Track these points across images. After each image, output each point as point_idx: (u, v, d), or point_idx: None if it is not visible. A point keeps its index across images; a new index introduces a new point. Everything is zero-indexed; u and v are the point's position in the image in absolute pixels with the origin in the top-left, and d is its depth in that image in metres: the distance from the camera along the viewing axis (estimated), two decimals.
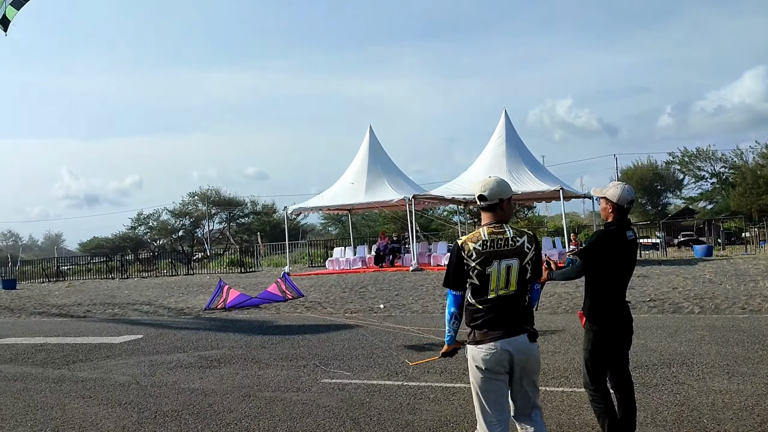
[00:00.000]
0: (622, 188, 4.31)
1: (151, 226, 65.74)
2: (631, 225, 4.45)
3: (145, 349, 9.78)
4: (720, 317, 10.46)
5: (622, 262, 4.25)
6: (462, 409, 5.70)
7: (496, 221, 3.57)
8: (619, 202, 4.26)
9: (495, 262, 3.44)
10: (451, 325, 3.61)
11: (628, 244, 4.27)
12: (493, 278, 3.43)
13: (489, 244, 3.46)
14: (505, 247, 3.47)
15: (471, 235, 3.54)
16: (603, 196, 4.34)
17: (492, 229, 3.52)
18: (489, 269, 3.43)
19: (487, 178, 3.68)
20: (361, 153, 27.43)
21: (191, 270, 34.24)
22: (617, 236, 4.23)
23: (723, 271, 17.56)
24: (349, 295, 16.38)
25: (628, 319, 4.28)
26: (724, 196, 49.88)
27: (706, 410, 5.34)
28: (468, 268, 3.46)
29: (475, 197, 3.62)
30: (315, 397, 6.34)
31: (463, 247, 3.49)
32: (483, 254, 3.44)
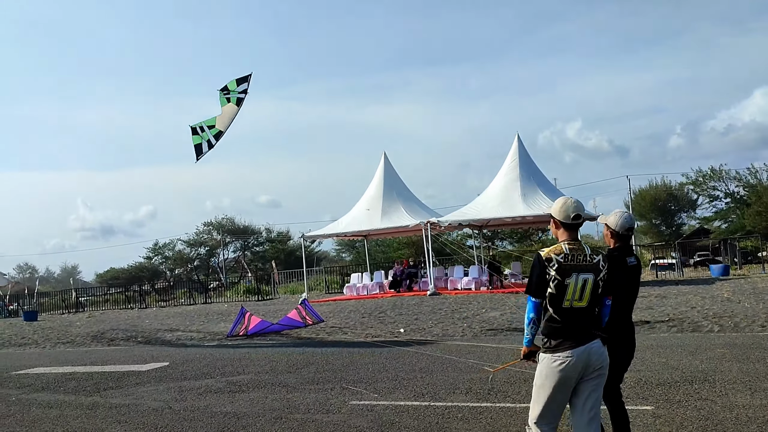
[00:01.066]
0: (620, 216, 4.57)
1: (166, 255, 66.33)
2: (632, 252, 4.64)
3: (173, 375, 9.98)
4: (740, 335, 10.52)
5: (623, 286, 4.38)
6: (490, 427, 5.84)
7: (574, 238, 3.88)
8: (618, 229, 4.50)
9: (574, 275, 3.73)
10: (529, 329, 3.86)
11: (629, 270, 4.47)
12: (570, 289, 3.72)
13: (570, 257, 3.76)
14: (583, 262, 3.77)
15: (553, 248, 3.84)
16: (605, 222, 4.62)
17: (572, 245, 3.83)
18: (568, 280, 3.72)
19: (571, 199, 3.96)
20: (375, 179, 27.77)
21: (208, 299, 34.52)
22: (619, 262, 4.40)
23: (741, 289, 17.56)
24: (368, 320, 16.54)
25: (631, 342, 4.47)
26: (739, 216, 49.62)
27: (731, 424, 5.45)
28: (549, 277, 3.74)
29: (570, 217, 3.86)
30: (345, 418, 6.50)
31: (548, 258, 3.77)
32: (564, 266, 3.73)
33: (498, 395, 7.10)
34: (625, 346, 4.41)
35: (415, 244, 44.08)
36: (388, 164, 27.82)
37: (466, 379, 8.09)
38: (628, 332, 4.43)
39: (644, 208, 59.66)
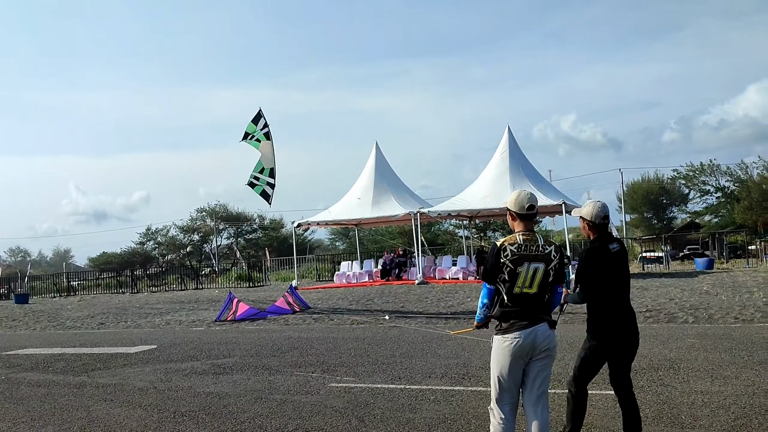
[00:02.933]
0: (594, 205, 4.64)
1: (159, 241, 66.42)
2: (614, 238, 4.72)
3: (160, 357, 10.22)
4: (712, 326, 10.84)
5: (611, 275, 4.52)
6: (460, 408, 6.11)
7: (529, 229, 4.13)
8: (594, 219, 4.58)
9: (525, 263, 3.97)
10: (482, 311, 4.15)
11: (613, 256, 4.54)
12: (521, 277, 3.97)
13: (523, 247, 4.01)
14: (535, 252, 4.01)
15: (508, 238, 4.08)
16: (579, 215, 4.70)
17: (526, 235, 4.07)
18: (519, 269, 3.96)
19: (525, 191, 4.22)
20: (367, 169, 27.96)
21: (200, 285, 34.72)
22: (601, 251, 4.54)
23: (721, 283, 17.89)
24: (355, 308, 16.81)
25: (631, 330, 4.51)
26: (729, 210, 50.08)
27: (685, 408, 5.74)
28: (502, 265, 3.98)
29: (524, 208, 4.09)
30: (323, 399, 6.77)
31: (502, 247, 4.02)
32: (516, 255, 3.98)
33: (472, 380, 7.38)
34: (623, 338, 4.47)
35: (408, 233, 44.34)
36: (380, 154, 28.01)
37: (443, 365, 8.36)
38: (624, 323, 4.47)
39: (636, 202, 60.09)
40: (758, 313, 11.95)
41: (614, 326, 4.47)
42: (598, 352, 4.51)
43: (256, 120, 16.92)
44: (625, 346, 4.51)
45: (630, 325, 4.53)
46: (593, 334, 4.53)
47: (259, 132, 16.71)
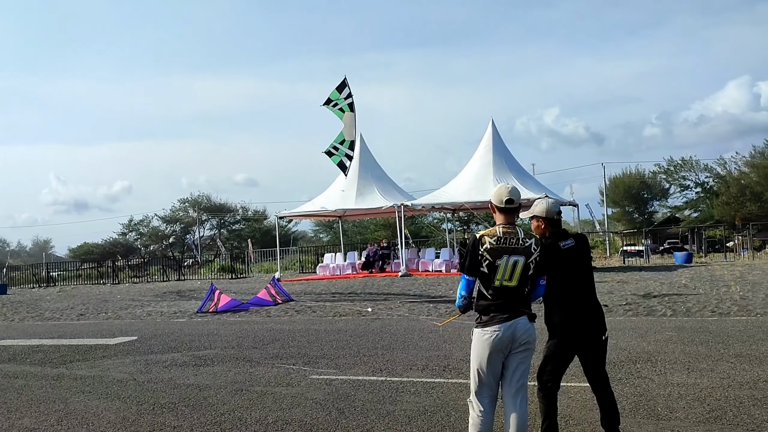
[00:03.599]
0: (546, 203, 4.59)
1: (141, 232, 65.95)
2: (569, 234, 4.60)
3: (140, 349, 10.16)
4: (690, 320, 10.98)
5: (562, 272, 4.42)
6: (440, 400, 6.14)
7: (510, 222, 4.14)
8: (548, 215, 4.52)
9: (504, 256, 3.99)
10: (460, 301, 4.15)
11: (564, 253, 4.45)
12: (500, 270, 3.98)
13: (502, 240, 4.02)
14: (515, 245, 4.02)
15: (488, 231, 4.10)
16: (533, 215, 4.59)
17: (506, 228, 4.08)
18: (498, 261, 3.98)
19: (506, 185, 4.24)
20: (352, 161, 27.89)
21: (182, 276, 34.52)
22: (551, 249, 4.40)
23: (699, 276, 18.14)
24: (338, 299, 16.82)
25: (591, 327, 4.48)
26: (708, 205, 50.71)
27: (662, 400, 5.82)
28: (481, 258, 3.99)
29: (503, 201, 4.10)
30: (303, 390, 6.77)
31: (481, 239, 4.04)
32: (495, 248, 3.99)
33: (452, 372, 7.41)
34: (580, 334, 4.45)
35: (392, 226, 44.38)
36: (364, 146, 27.96)
37: (424, 357, 8.40)
38: (580, 320, 4.43)
39: (618, 196, 60.64)
40: (734, 306, 12.14)
41: (569, 322, 4.44)
42: (558, 348, 4.50)
43: (340, 88, 16.50)
44: (584, 342, 4.48)
45: (587, 320, 4.47)
46: (550, 332, 4.54)
47: (343, 101, 16.37)
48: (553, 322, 4.51)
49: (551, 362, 4.55)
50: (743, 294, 13.92)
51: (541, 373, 4.58)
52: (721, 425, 5.04)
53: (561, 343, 4.49)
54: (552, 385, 4.53)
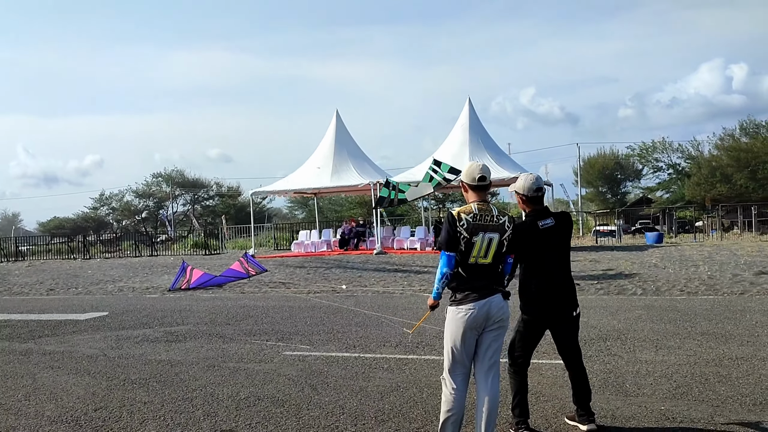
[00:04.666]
0: (526, 178, 4.59)
1: (113, 206, 64.99)
2: (549, 213, 4.60)
3: (111, 325, 10.04)
4: (659, 298, 11.18)
5: (539, 250, 4.46)
6: (412, 376, 6.17)
7: (483, 200, 4.12)
8: (526, 192, 4.52)
9: (480, 233, 3.98)
10: (440, 283, 4.08)
11: (542, 233, 4.46)
12: (476, 247, 3.98)
13: (478, 217, 4.01)
14: (490, 222, 4.02)
15: (463, 208, 4.08)
16: (513, 190, 4.63)
17: (481, 205, 4.07)
18: (475, 239, 3.97)
19: (477, 163, 4.23)
20: (327, 137, 27.68)
21: (155, 251, 34.14)
22: (529, 227, 4.46)
23: (669, 256, 18.46)
24: (313, 276, 16.80)
25: (563, 304, 4.51)
26: (680, 186, 51.51)
27: (630, 377, 5.92)
28: (459, 235, 3.97)
29: (475, 179, 4.09)
30: (276, 367, 6.75)
31: (458, 216, 4.01)
32: (472, 225, 3.98)
33: (425, 348, 7.46)
34: (552, 312, 4.50)
35: (367, 203, 44.34)
36: (340, 122, 27.74)
37: (398, 333, 8.43)
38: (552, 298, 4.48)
39: (592, 176, 61.27)
40: (702, 286, 12.38)
41: (542, 299, 4.48)
42: (530, 325, 4.54)
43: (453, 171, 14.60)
44: (556, 318, 4.53)
45: (560, 297, 4.52)
46: (523, 308, 4.57)
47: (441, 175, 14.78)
48: (526, 298, 4.54)
49: (523, 338, 4.59)
50: (711, 274, 14.20)
51: (512, 349, 4.62)
52: (687, 401, 5.14)
53: (533, 319, 4.53)
54: (523, 361, 4.58)
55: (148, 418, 5.06)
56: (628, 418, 4.75)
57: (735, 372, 5.98)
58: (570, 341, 4.62)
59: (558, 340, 4.63)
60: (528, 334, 4.57)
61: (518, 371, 4.57)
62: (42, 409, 5.45)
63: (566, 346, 4.62)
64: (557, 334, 4.61)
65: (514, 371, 4.58)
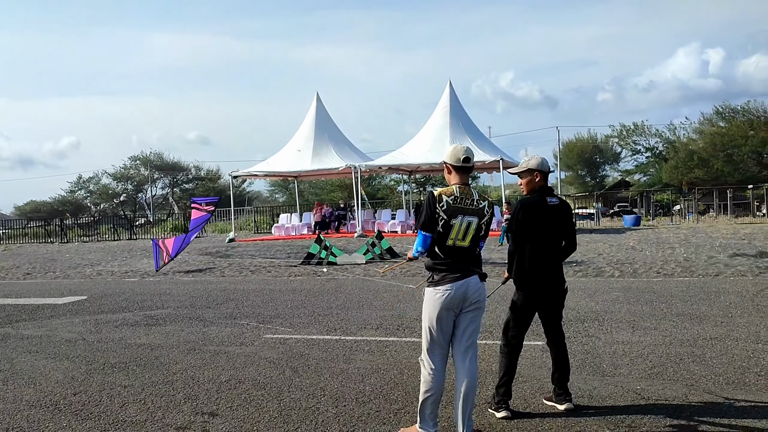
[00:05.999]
0: (540, 157, 4.73)
1: (91, 190, 64.11)
2: (553, 192, 4.79)
3: (90, 309, 9.96)
4: (636, 280, 11.36)
5: (544, 229, 4.58)
6: (393, 358, 6.22)
7: (465, 182, 4.14)
8: (543, 168, 4.66)
9: (459, 216, 4.00)
10: (417, 254, 4.12)
11: (550, 209, 4.60)
12: (454, 229, 4.00)
13: (459, 200, 4.03)
14: (470, 206, 4.05)
15: (445, 189, 4.09)
16: (527, 168, 4.67)
17: (462, 188, 4.09)
18: (453, 221, 3.99)
19: (461, 145, 4.26)
20: (308, 120, 27.53)
21: (134, 235, 33.85)
22: (539, 205, 4.60)
23: (646, 239, 18.71)
24: (294, 260, 16.77)
25: (556, 283, 4.63)
26: (658, 170, 52.09)
27: (607, 357, 6.02)
28: (438, 216, 3.99)
29: (460, 160, 4.10)
30: (257, 350, 6.76)
31: (439, 197, 4.02)
32: (452, 207, 4.00)
33: (406, 330, 7.51)
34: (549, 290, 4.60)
35: (348, 187, 44.26)
36: (321, 105, 27.58)
37: (378, 316, 8.47)
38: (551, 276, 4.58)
39: (571, 160, 61.73)
40: (678, 268, 12.59)
41: (539, 279, 4.57)
42: (525, 303, 4.61)
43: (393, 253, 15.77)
44: (549, 294, 4.63)
45: (555, 278, 4.63)
46: (520, 286, 4.63)
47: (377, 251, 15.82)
48: (523, 273, 4.60)
49: (517, 318, 4.65)
50: (687, 256, 14.44)
51: (507, 329, 4.68)
52: (662, 381, 5.24)
53: (528, 296, 4.60)
54: (516, 342, 4.65)
55: (129, 402, 5.05)
56: (605, 398, 4.84)
57: (709, 352, 6.11)
58: (558, 320, 4.73)
59: (546, 319, 4.71)
60: (522, 312, 4.64)
61: (511, 352, 4.63)
62: (20, 393, 5.40)
63: (553, 325, 4.71)
64: (547, 313, 4.69)
65: (508, 351, 4.64)
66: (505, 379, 4.58)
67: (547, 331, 4.75)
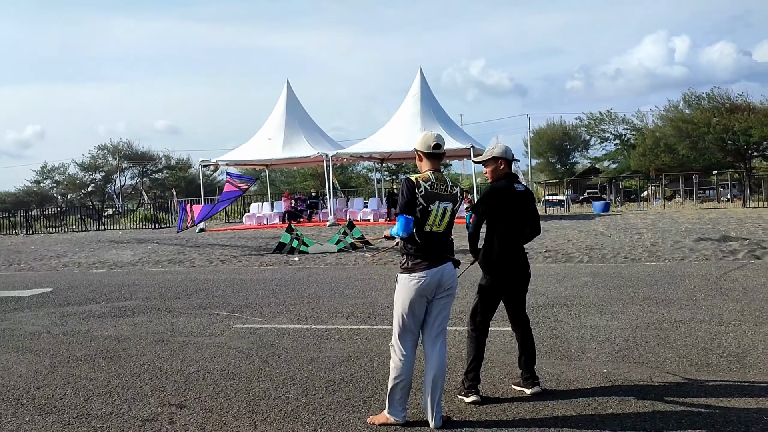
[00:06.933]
0: (503, 145, 4.80)
1: (57, 180, 62.81)
2: (518, 179, 4.88)
3: (56, 301, 9.77)
4: (605, 265, 11.52)
5: (512, 214, 4.64)
6: (364, 346, 6.21)
7: (437, 169, 4.15)
8: (507, 156, 4.72)
9: (436, 202, 4.02)
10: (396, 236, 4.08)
11: (518, 196, 4.67)
12: (432, 215, 4.01)
13: (435, 185, 4.04)
14: (445, 191, 4.07)
15: (421, 175, 4.09)
16: (491, 156, 4.72)
17: (436, 174, 4.10)
18: (431, 207, 4.00)
19: (432, 132, 4.28)
20: (278, 108, 27.29)
21: (103, 225, 33.29)
22: (507, 190, 4.66)
23: (615, 225, 19.00)
24: (265, 249, 16.66)
25: (522, 267, 4.69)
26: (626, 157, 52.82)
27: (575, 342, 6.10)
28: (416, 202, 3.99)
29: (430, 146, 4.10)
30: (227, 340, 6.70)
31: (417, 183, 4.02)
32: (429, 193, 4.01)
33: (377, 318, 7.51)
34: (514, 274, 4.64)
35: (320, 175, 44.06)
36: (291, 93, 27.34)
37: (350, 304, 8.45)
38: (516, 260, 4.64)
39: (542, 147, 62.29)
40: (645, 252, 12.80)
41: (505, 262, 4.62)
42: (492, 287, 4.65)
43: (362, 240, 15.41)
44: (515, 281, 4.67)
45: (520, 262, 4.69)
46: (487, 270, 4.66)
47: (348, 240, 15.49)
48: (491, 259, 4.63)
49: (484, 303, 4.67)
50: (654, 241, 14.68)
51: (474, 314, 4.71)
52: (628, 363, 5.33)
53: (495, 281, 4.63)
54: (483, 327, 4.67)
55: (94, 395, 4.96)
56: (572, 381, 4.90)
57: (674, 334, 6.23)
58: (523, 305, 4.79)
59: (511, 304, 4.75)
60: (490, 297, 4.67)
61: (479, 336, 4.65)
62: None
63: (518, 310, 4.76)
64: (512, 299, 4.73)
65: (476, 336, 4.66)
66: (473, 365, 4.60)
67: (511, 317, 4.80)
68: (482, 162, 4.85)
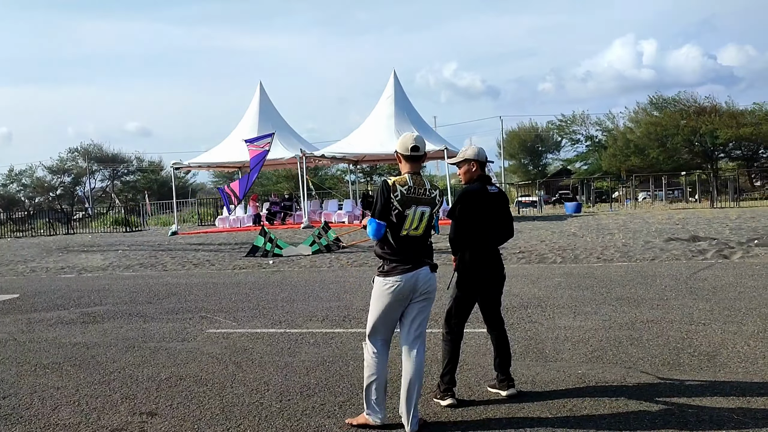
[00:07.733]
0: (477, 147, 4.82)
1: (24, 183, 61.56)
2: (491, 180, 4.90)
3: (22, 307, 9.53)
4: (577, 266, 11.62)
5: (486, 216, 4.64)
6: (339, 350, 6.16)
7: (416, 172, 4.10)
8: (480, 158, 4.73)
9: (413, 206, 3.97)
10: None
11: (491, 198, 4.68)
12: (408, 220, 3.97)
13: (412, 189, 3.99)
14: (423, 195, 4.03)
15: (398, 179, 4.03)
16: (464, 158, 4.74)
17: (415, 177, 4.06)
18: (407, 211, 3.96)
19: (412, 134, 4.22)
20: (251, 110, 27.10)
21: (72, 229, 32.69)
22: (480, 193, 4.66)
23: (587, 225, 19.21)
24: (238, 252, 16.50)
25: (497, 269, 4.70)
26: (597, 158, 53.53)
27: (550, 343, 6.13)
28: (392, 206, 3.94)
29: (408, 149, 4.06)
30: (199, 345, 6.59)
31: (393, 186, 3.97)
32: (406, 197, 3.96)
33: (352, 322, 7.46)
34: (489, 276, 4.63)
35: (294, 177, 43.82)
36: (264, 95, 27.17)
37: (324, 308, 8.39)
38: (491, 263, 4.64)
39: (514, 149, 62.89)
40: (617, 253, 12.95)
41: (480, 265, 4.61)
42: (467, 290, 4.64)
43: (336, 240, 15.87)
44: (490, 283, 4.67)
45: (495, 264, 4.70)
46: (462, 272, 4.65)
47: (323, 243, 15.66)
48: (465, 261, 4.62)
49: (459, 305, 4.66)
50: (625, 241, 14.87)
51: (449, 317, 4.69)
52: (602, 364, 5.36)
53: (470, 284, 4.62)
54: (458, 329, 4.66)
55: (62, 404, 4.84)
56: (548, 383, 4.91)
57: (646, 334, 6.29)
58: (498, 307, 4.79)
59: (486, 306, 4.75)
60: (465, 299, 4.66)
61: (454, 339, 4.64)
62: None
63: (493, 312, 4.76)
64: (486, 301, 4.73)
65: (451, 339, 4.65)
66: (449, 368, 4.59)
67: (486, 319, 4.80)
68: (456, 164, 4.86)
